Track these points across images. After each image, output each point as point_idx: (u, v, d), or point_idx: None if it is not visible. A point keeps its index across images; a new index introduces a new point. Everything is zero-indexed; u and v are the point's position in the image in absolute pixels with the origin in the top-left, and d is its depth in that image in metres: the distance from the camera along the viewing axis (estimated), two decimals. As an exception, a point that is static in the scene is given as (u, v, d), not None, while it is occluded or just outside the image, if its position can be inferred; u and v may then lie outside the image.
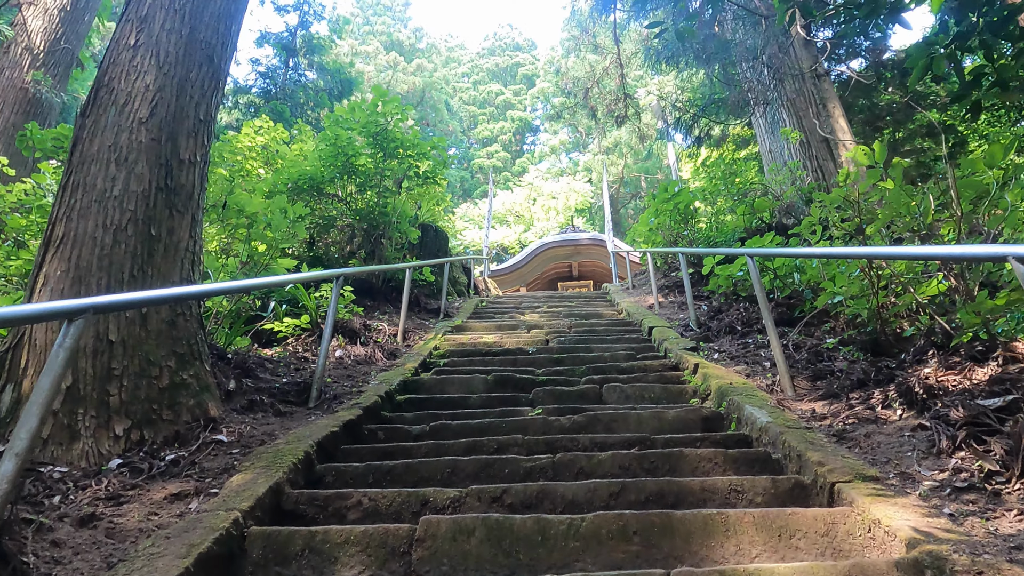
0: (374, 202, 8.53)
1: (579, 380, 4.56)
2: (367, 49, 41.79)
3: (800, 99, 10.81)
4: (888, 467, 2.36)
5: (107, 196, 3.14)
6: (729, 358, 4.90)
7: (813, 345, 4.44)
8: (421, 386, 4.65)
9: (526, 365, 5.21)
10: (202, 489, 2.41)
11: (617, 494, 2.43)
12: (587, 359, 5.25)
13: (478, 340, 6.34)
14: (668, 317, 7.09)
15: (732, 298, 6.40)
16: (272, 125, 10.41)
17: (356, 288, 8.03)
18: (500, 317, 8.23)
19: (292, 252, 8.80)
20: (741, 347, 5.21)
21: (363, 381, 4.58)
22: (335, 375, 4.66)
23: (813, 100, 10.96)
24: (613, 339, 6.14)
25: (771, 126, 11.63)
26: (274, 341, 5.54)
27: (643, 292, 9.88)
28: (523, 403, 4.19)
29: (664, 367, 4.90)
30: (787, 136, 10.60)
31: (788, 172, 10.26)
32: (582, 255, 20.70)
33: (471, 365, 5.29)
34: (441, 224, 12.06)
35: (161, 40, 3.63)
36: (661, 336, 5.73)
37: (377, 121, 8.34)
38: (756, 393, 3.65)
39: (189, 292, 2.91)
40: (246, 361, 4.11)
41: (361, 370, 4.96)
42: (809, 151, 10.78)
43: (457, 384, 4.63)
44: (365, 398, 3.96)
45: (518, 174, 39.12)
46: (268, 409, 3.64)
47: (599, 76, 20.87)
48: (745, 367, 4.51)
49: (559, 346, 5.89)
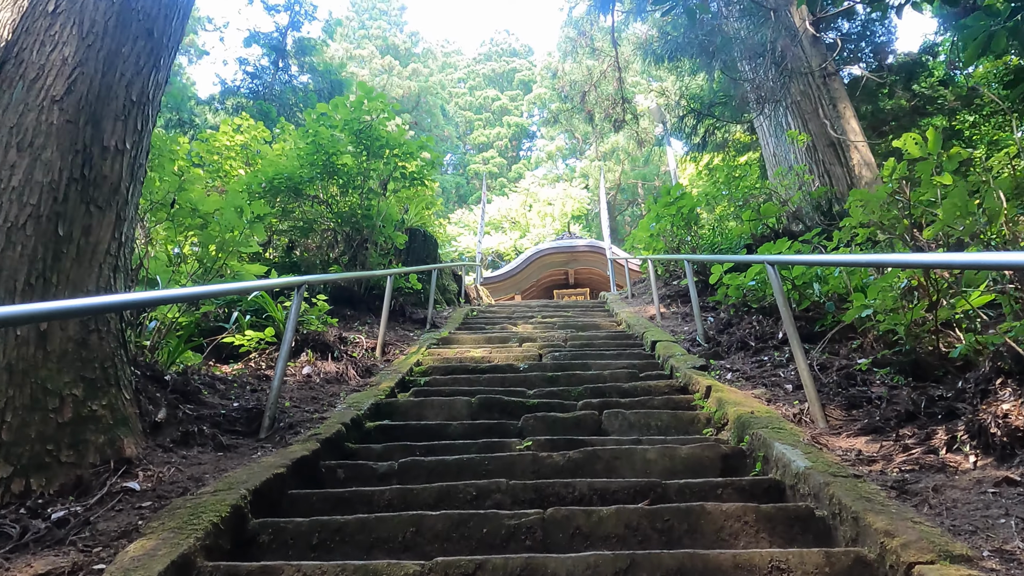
0: (357, 204, 7.99)
1: (575, 404, 4.01)
2: (362, 53, 41.36)
3: (806, 100, 10.34)
4: (978, 540, 1.81)
5: (1, 188, 2.58)
6: (744, 378, 4.35)
7: (843, 366, 3.89)
8: (396, 410, 4.08)
9: (516, 385, 4.65)
10: (83, 566, 1.84)
11: (624, 572, 1.87)
12: (584, 378, 4.70)
13: (465, 354, 5.79)
14: (672, 330, 6.55)
15: (743, 310, 5.86)
16: (253, 123, 9.88)
17: (335, 297, 7.47)
18: (491, 328, 7.68)
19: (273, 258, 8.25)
20: (756, 365, 4.66)
21: (329, 404, 4.02)
22: (298, 397, 4.10)
23: (821, 101, 10.49)
24: (613, 354, 5.58)
25: (775, 129, 11.16)
26: (236, 356, 4.98)
27: (643, 301, 9.35)
28: (511, 432, 3.63)
29: (671, 389, 4.35)
30: (793, 139, 10.12)
31: (794, 176, 9.78)
32: (579, 262, 20.17)
33: (455, 384, 4.73)
34: (431, 229, 11.51)
35: (87, 7, 3.08)
36: (666, 352, 5.18)
37: (361, 118, 7.81)
38: (783, 425, 3.10)
39: (99, 304, 2.36)
40: (189, 383, 3.54)
41: (330, 390, 4.39)
42: (815, 155, 10.31)
43: (437, 408, 4.07)
44: (327, 426, 3.40)
45: (514, 180, 38.66)
46: (208, 442, 3.07)
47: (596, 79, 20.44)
48: (764, 390, 3.96)
49: (554, 362, 5.34)
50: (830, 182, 9.95)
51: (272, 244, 8.39)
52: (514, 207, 30.35)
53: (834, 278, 4.78)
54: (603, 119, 22.42)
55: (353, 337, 5.83)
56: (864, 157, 8.66)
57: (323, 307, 5.58)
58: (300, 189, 7.63)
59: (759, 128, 11.91)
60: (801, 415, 3.32)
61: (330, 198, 8.09)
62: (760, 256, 4.02)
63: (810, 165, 10.05)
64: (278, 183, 7.44)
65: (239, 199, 3.92)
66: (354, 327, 6.66)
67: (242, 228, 3.91)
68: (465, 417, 3.97)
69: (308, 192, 7.85)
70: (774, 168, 11.10)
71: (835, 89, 9.27)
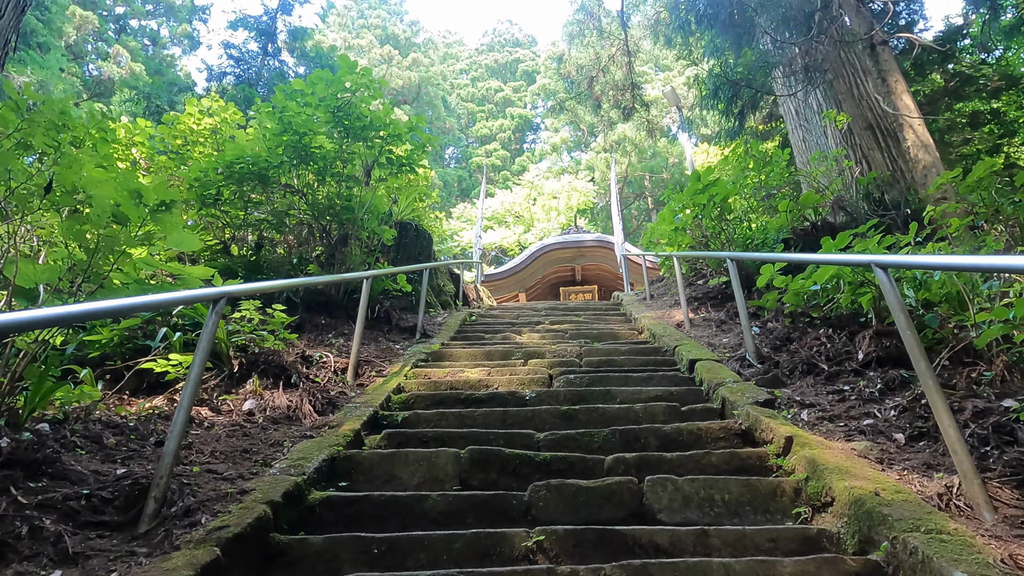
0: (336, 194, 6.89)
1: (602, 461, 2.91)
2: (360, 43, 40.17)
3: (840, 79, 9.19)
4: None
5: None
6: (827, 419, 3.24)
7: (981, 410, 2.77)
8: (357, 468, 2.98)
9: (521, 424, 3.56)
10: None
11: None
12: (609, 415, 3.60)
13: (458, 376, 4.70)
14: (708, 343, 5.44)
15: (802, 321, 4.73)
16: (223, 104, 8.78)
17: (309, 303, 6.39)
18: (491, 338, 6.58)
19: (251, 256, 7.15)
20: (835, 398, 3.55)
21: (265, 462, 2.92)
22: (223, 450, 3.00)
23: (864, 76, 9.34)
24: (641, 377, 4.47)
25: (804, 112, 10.03)
26: (165, 384, 3.90)
27: (665, 304, 8.23)
28: (513, 513, 2.53)
29: (729, 433, 3.24)
30: (831, 120, 8.97)
31: (832, 162, 8.63)
32: (586, 258, 19.03)
33: (441, 423, 3.64)
34: (426, 223, 10.40)
35: None
36: (712, 376, 4.07)
37: (339, 94, 6.70)
38: (937, 521, 1.99)
39: None
40: (47, 443, 2.46)
41: (272, 436, 3.30)
42: (852, 139, 9.17)
43: (414, 466, 2.97)
44: (243, 511, 2.31)
45: (517, 173, 37.47)
46: (48, 547, 1.98)
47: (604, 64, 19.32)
48: (866, 442, 2.85)
49: (568, 388, 4.23)
50: (869, 169, 8.81)
51: (237, 240, 7.30)
52: (518, 201, 29.18)
53: (935, 282, 3.66)
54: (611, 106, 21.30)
55: (320, 355, 4.73)
56: (921, 137, 7.52)
57: (281, 320, 4.48)
58: (267, 176, 6.52)
59: (785, 112, 10.77)
60: (949, 497, 2.21)
61: (304, 187, 6.99)
62: (860, 256, 2.89)
63: (846, 151, 8.92)
64: (241, 168, 6.34)
65: (131, 179, 2.82)
66: (327, 339, 5.57)
67: (141, 219, 2.81)
68: (451, 480, 2.88)
69: (278, 180, 6.75)
70: (803, 155, 9.97)
71: (885, 60, 8.11)
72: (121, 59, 31.29)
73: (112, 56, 31.14)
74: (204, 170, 6.22)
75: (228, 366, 4.03)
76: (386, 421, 3.72)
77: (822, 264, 3.82)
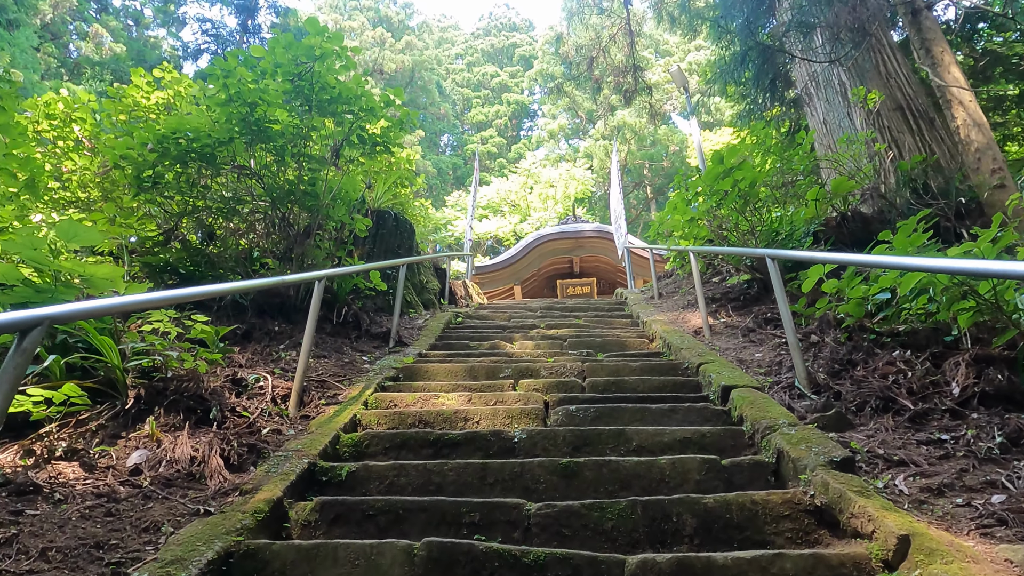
0: (295, 177, 5.89)
1: (622, 564, 1.96)
2: (352, 25, 38.83)
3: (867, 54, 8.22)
4: None
5: None
6: (935, 490, 2.29)
7: None
8: (262, 573, 2.03)
9: (504, 484, 2.62)
10: None
11: None
12: (625, 471, 2.66)
13: (430, 404, 3.74)
14: (736, 357, 4.49)
15: (865, 338, 3.77)
16: (177, 76, 7.73)
17: (261, 306, 5.43)
18: (477, 347, 5.62)
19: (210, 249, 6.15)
20: (934, 451, 2.61)
21: (123, 564, 1.97)
22: (67, 543, 2.04)
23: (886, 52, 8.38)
24: (661, 409, 3.51)
25: (826, 90, 9.05)
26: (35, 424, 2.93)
27: (676, 304, 7.28)
28: None
29: (796, 511, 2.29)
30: (860, 98, 8.00)
31: (861, 145, 7.67)
32: (585, 249, 18.05)
33: (396, 483, 2.68)
34: (409, 212, 9.40)
35: None
36: (755, 414, 3.12)
37: (300, 59, 5.69)
38: None
39: None
40: None
41: (152, 514, 2.34)
42: (880, 121, 8.22)
43: (344, 568, 2.02)
44: None
45: (514, 160, 36.31)
46: None
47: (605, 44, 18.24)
48: (1004, 531, 1.91)
49: (568, 427, 3.27)
50: (899, 154, 7.86)
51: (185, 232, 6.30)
52: (514, 189, 28.10)
53: (1064, 295, 2.71)
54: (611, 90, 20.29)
55: (257, 378, 3.75)
56: (972, 115, 6.56)
57: (200, 330, 3.51)
58: (214, 155, 5.51)
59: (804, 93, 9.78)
60: None
61: (262, 169, 5.99)
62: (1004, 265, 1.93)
63: (875, 134, 7.97)
64: (181, 145, 5.33)
65: None
66: (276, 352, 4.60)
67: None
68: (396, 598, 1.93)
69: (227, 159, 5.73)
70: (824, 139, 9.00)
71: (928, 28, 7.12)
72: (103, 40, 30.00)
73: (92, 36, 29.84)
74: (132, 147, 5.21)
75: (122, 399, 3.07)
76: (326, 477, 2.77)
77: (914, 270, 2.86)
